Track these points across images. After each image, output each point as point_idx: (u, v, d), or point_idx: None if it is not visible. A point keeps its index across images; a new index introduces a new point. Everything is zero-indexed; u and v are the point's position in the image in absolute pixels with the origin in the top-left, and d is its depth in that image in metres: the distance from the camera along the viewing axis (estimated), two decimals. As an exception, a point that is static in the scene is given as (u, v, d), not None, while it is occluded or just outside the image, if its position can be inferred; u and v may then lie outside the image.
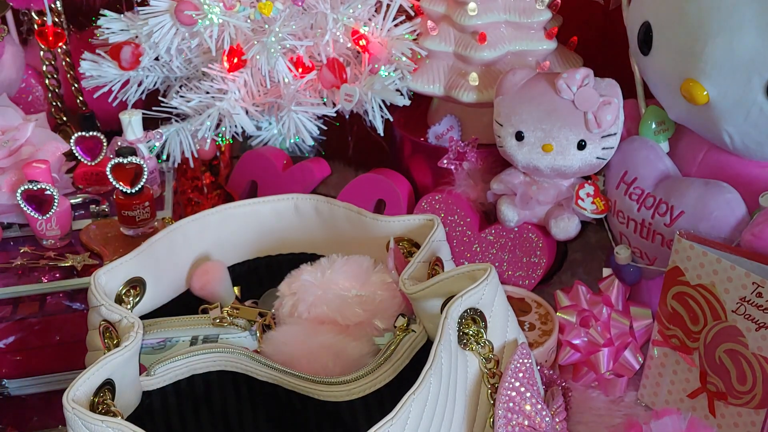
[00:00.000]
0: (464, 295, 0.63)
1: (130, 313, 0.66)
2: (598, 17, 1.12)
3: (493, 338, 0.66)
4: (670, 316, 0.83)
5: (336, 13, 1.01)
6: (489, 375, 0.65)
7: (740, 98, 0.80)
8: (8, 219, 0.95)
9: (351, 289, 0.74)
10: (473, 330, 0.64)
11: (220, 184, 1.19)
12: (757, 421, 0.78)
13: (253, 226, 0.81)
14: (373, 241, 0.77)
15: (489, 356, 0.65)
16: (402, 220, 0.77)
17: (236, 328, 0.75)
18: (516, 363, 0.65)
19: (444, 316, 0.61)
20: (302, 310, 0.74)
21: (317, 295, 0.74)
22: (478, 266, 0.65)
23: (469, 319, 0.64)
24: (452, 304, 0.62)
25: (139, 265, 0.74)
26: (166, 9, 0.99)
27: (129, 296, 0.73)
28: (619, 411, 0.89)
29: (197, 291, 0.78)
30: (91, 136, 0.99)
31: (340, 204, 0.79)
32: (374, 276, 0.75)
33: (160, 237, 0.76)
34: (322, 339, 0.71)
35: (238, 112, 1.04)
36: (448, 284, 0.65)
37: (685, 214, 0.85)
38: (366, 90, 1.01)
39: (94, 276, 0.70)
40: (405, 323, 0.70)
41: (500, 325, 0.67)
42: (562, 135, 0.92)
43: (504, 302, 0.67)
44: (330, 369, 0.69)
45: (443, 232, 0.75)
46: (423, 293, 0.67)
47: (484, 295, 0.64)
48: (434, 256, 0.73)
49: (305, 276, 0.75)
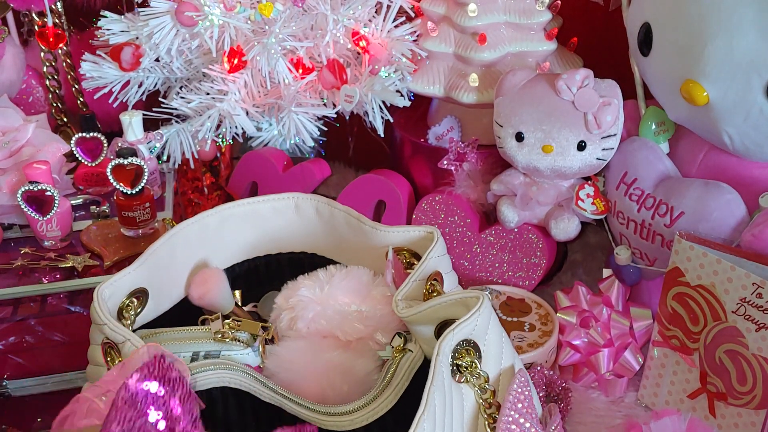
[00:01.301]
0: (456, 328, 0.61)
1: (134, 336, 0.65)
2: (598, 18, 1.12)
3: (488, 367, 0.64)
4: (670, 317, 0.83)
5: (336, 14, 1.01)
6: (486, 406, 0.64)
7: (740, 99, 0.80)
8: (9, 220, 0.95)
9: (351, 304, 0.73)
10: (467, 361, 0.63)
11: (221, 185, 1.19)
12: (757, 422, 0.78)
13: (252, 226, 0.80)
14: (373, 249, 0.76)
15: (485, 387, 0.64)
16: (401, 231, 0.75)
17: (238, 344, 0.73)
18: (514, 393, 0.64)
19: (436, 352, 0.60)
20: (301, 327, 0.73)
21: (316, 311, 0.73)
22: (470, 294, 0.64)
23: (463, 350, 0.63)
24: (444, 339, 0.61)
25: (143, 275, 0.72)
26: (167, 10, 0.99)
27: (131, 307, 0.71)
28: (619, 411, 0.89)
29: (196, 300, 0.76)
30: (91, 137, 0.99)
31: (340, 207, 0.78)
32: (375, 290, 0.74)
33: (161, 243, 0.74)
34: (328, 357, 0.70)
35: (238, 113, 1.04)
36: (441, 310, 0.65)
37: (685, 214, 0.85)
38: (366, 91, 1.01)
39: (98, 291, 0.68)
40: (402, 343, 0.69)
41: (495, 353, 0.65)
42: (562, 136, 0.92)
43: (498, 329, 0.66)
44: (338, 387, 0.68)
45: (443, 246, 0.73)
46: (415, 318, 0.66)
47: (477, 326, 0.63)
48: (432, 272, 0.71)
49: (303, 291, 0.74)
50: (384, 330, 0.72)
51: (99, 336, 0.67)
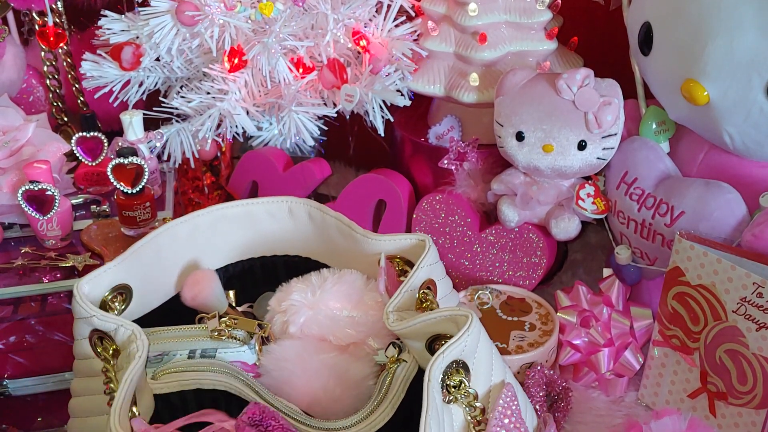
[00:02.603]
0: (446, 351, 0.61)
1: (127, 321, 0.65)
2: (599, 18, 1.12)
3: (478, 385, 0.64)
4: (670, 317, 0.83)
5: (337, 14, 1.01)
6: (474, 423, 0.64)
7: (740, 98, 0.80)
8: (9, 219, 0.95)
9: (342, 309, 0.73)
10: (455, 381, 0.63)
11: (221, 185, 1.19)
12: (757, 422, 0.78)
13: (247, 227, 0.80)
14: (365, 256, 0.76)
15: (473, 404, 0.64)
16: (392, 239, 0.75)
17: (235, 342, 0.74)
18: (500, 409, 0.64)
19: (427, 378, 0.60)
20: (294, 331, 0.73)
21: (308, 315, 0.73)
22: (459, 312, 0.64)
23: (453, 370, 0.63)
24: (434, 364, 0.61)
25: (124, 271, 0.72)
26: (167, 9, 0.99)
27: (115, 302, 0.72)
28: (620, 411, 0.89)
29: (188, 302, 0.76)
30: (92, 137, 0.99)
31: (332, 213, 0.77)
32: (367, 296, 0.74)
33: (145, 242, 0.74)
34: (323, 358, 0.70)
35: (238, 113, 1.04)
36: (431, 326, 0.65)
37: (685, 214, 0.85)
38: (366, 90, 1.01)
39: (77, 286, 0.68)
40: (396, 354, 0.69)
41: (485, 370, 0.65)
42: (562, 135, 0.92)
43: (487, 346, 0.66)
44: (331, 389, 0.69)
45: (435, 253, 0.73)
46: (405, 332, 0.66)
47: (467, 346, 0.63)
48: (425, 280, 0.71)
49: (295, 295, 0.74)
50: (376, 336, 0.72)
51: (85, 329, 0.67)
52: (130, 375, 0.60)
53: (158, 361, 0.72)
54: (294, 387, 0.68)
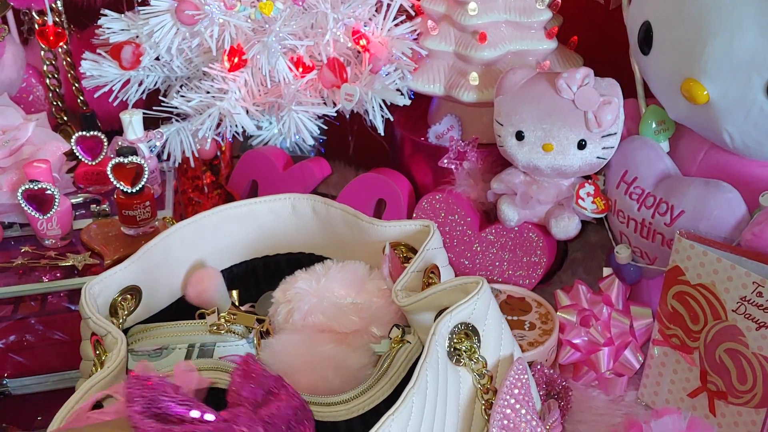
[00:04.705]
0: (454, 311, 0.62)
1: (116, 329, 0.65)
2: (599, 17, 1.12)
3: (487, 353, 0.65)
4: (670, 316, 0.83)
5: (336, 13, 1.01)
6: (483, 391, 0.64)
7: (740, 97, 0.80)
8: (9, 218, 0.95)
9: (346, 296, 0.73)
10: (466, 345, 0.63)
11: (221, 184, 1.19)
12: (757, 421, 0.78)
13: (250, 227, 0.80)
14: (370, 245, 0.76)
15: (482, 372, 0.64)
16: (398, 225, 0.76)
17: (233, 336, 0.74)
18: (512, 379, 0.64)
19: (432, 332, 0.60)
20: (297, 319, 0.73)
21: (312, 303, 0.73)
22: (469, 279, 0.64)
23: (462, 334, 0.63)
24: (441, 320, 0.61)
25: (134, 273, 0.73)
26: (167, 9, 0.99)
27: (125, 303, 0.72)
28: (620, 410, 0.89)
29: (193, 300, 0.77)
30: (91, 136, 0.99)
31: (337, 205, 0.78)
32: (370, 283, 0.74)
33: (155, 243, 0.74)
34: (321, 350, 0.71)
35: (238, 112, 1.04)
36: (440, 297, 0.65)
37: (685, 213, 0.85)
38: (366, 89, 1.01)
39: (86, 287, 0.68)
40: (400, 335, 0.69)
41: (494, 339, 0.65)
42: (562, 134, 0.92)
43: (497, 316, 0.66)
44: (329, 380, 0.69)
45: (439, 238, 0.74)
46: (415, 306, 0.66)
47: (476, 309, 0.63)
48: (429, 264, 0.71)
49: (300, 284, 0.74)
50: (379, 323, 0.72)
51: (87, 330, 0.68)
52: (90, 384, 0.60)
53: (158, 355, 0.73)
54: (293, 379, 0.68)
